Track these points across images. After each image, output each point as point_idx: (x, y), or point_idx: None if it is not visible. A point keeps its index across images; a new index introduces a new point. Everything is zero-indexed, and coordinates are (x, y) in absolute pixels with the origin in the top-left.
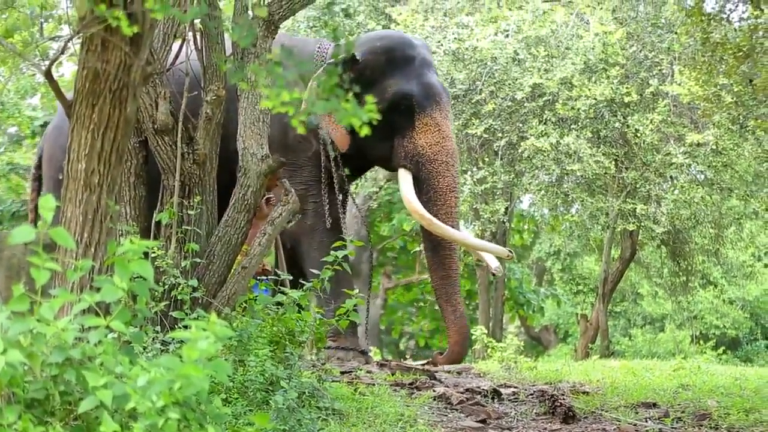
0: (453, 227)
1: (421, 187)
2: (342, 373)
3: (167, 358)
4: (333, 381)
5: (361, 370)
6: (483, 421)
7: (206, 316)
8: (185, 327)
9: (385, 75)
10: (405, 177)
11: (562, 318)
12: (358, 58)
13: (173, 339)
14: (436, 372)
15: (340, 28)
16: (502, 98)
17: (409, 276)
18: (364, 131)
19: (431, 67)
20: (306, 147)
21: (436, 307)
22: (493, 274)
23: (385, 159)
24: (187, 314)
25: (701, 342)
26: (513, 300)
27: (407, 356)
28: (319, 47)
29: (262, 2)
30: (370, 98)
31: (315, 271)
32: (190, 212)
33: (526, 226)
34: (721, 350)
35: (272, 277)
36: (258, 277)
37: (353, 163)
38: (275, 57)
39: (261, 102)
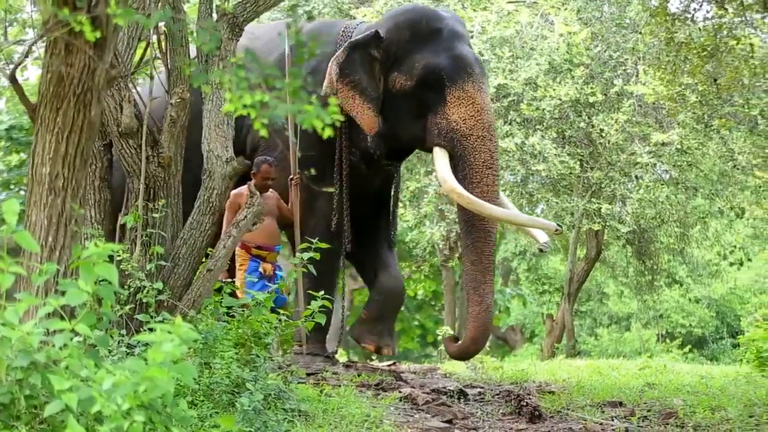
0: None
1: (456, 164)
2: (308, 374)
3: (132, 361)
4: (299, 383)
5: (327, 371)
6: (449, 422)
7: (171, 319)
8: (150, 330)
9: (412, 50)
10: (440, 155)
11: (528, 318)
12: (381, 35)
13: (139, 342)
14: (402, 373)
15: (302, 31)
16: None
17: None
18: (327, 133)
19: (462, 39)
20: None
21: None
22: (541, 250)
23: (419, 139)
24: (152, 317)
25: (667, 341)
26: None
27: (373, 357)
28: (344, 29)
29: (227, 3)
30: (333, 100)
31: (282, 274)
32: (155, 215)
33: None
34: (687, 349)
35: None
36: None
37: (386, 147)
38: (239, 60)
39: (223, 107)
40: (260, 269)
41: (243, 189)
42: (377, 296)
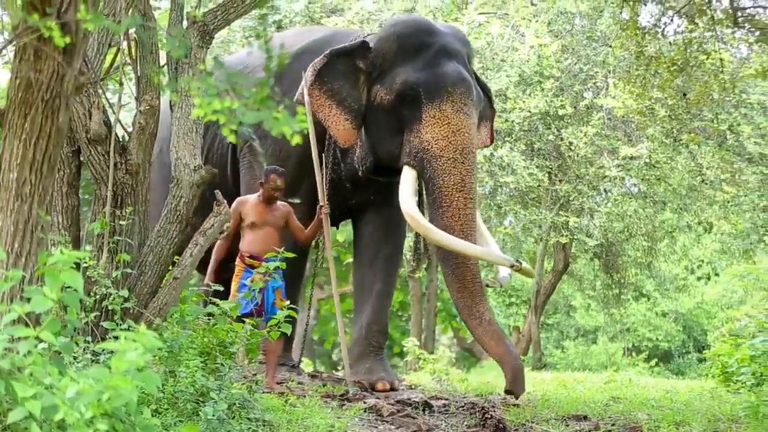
0: (463, 231)
1: (426, 186)
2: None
3: (96, 369)
4: (264, 392)
5: (292, 381)
6: None
7: (136, 327)
8: (115, 338)
9: (396, 64)
10: (406, 175)
11: None
12: (369, 45)
13: (104, 350)
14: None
15: (272, 40)
16: None
17: (342, 287)
18: (296, 140)
19: (453, 56)
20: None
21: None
22: (487, 285)
23: (396, 157)
24: (118, 325)
25: (633, 354)
26: (446, 311)
27: (340, 367)
28: (353, 39)
29: (198, 10)
30: (301, 109)
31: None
32: (122, 222)
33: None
34: (653, 363)
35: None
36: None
37: (369, 162)
38: (207, 68)
39: (193, 111)
40: (248, 280)
41: (249, 197)
42: (356, 335)
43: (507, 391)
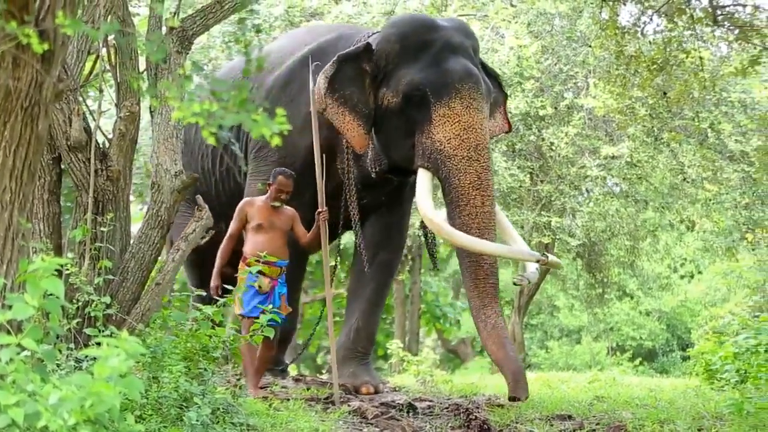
0: (479, 230)
1: (442, 186)
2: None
3: (78, 376)
4: (248, 396)
5: (276, 385)
6: None
7: (119, 333)
8: (98, 344)
9: (399, 64)
10: (422, 177)
11: None
12: (372, 47)
13: (86, 356)
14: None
15: (254, 43)
16: None
17: (321, 291)
18: (275, 141)
19: (458, 51)
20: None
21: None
22: (514, 282)
23: (410, 159)
24: (100, 331)
25: (618, 353)
26: (430, 313)
27: (324, 371)
28: (358, 40)
29: (176, 17)
30: (280, 111)
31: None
32: (103, 229)
33: (441, 240)
34: (637, 362)
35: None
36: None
37: (384, 164)
38: (186, 71)
39: (173, 114)
40: (255, 284)
41: (256, 198)
42: (343, 338)
43: (511, 398)
